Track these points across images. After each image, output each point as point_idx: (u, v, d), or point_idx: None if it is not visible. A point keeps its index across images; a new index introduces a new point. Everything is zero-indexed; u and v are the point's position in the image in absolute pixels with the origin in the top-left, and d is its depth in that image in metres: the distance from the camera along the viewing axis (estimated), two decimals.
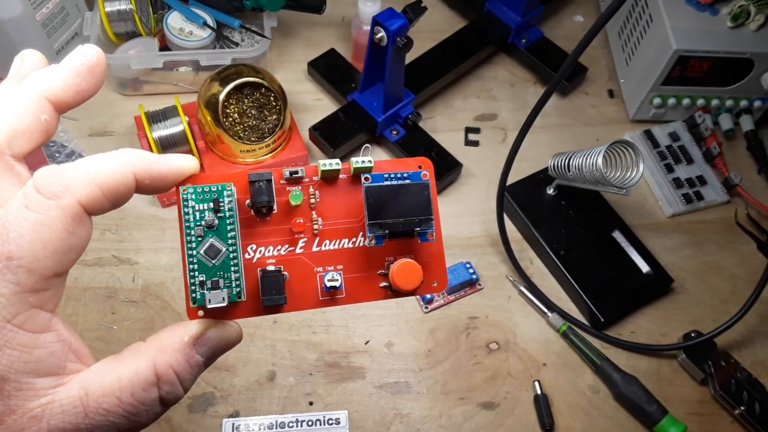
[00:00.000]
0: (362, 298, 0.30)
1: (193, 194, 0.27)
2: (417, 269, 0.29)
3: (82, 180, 0.23)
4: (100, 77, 0.27)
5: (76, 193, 0.23)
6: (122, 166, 0.24)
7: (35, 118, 0.25)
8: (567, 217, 0.69)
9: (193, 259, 0.27)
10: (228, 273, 0.28)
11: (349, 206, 0.30)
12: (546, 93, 0.54)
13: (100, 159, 0.24)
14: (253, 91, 0.67)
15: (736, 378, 0.60)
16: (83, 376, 0.25)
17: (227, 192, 0.28)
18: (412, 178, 0.30)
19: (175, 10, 0.75)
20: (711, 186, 0.74)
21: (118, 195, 0.25)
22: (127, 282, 0.64)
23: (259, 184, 0.28)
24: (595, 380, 0.62)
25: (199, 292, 0.27)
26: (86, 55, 0.26)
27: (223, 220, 0.28)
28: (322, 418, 0.57)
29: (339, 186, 0.30)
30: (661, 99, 0.77)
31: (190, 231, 0.27)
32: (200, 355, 0.27)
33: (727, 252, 0.71)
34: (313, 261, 0.30)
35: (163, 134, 0.66)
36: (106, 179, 0.24)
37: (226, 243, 0.28)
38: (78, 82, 0.26)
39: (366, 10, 0.74)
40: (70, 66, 0.26)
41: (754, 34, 0.72)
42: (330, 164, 0.29)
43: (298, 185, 0.29)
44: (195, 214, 0.27)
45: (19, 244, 0.22)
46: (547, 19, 0.88)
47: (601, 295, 0.65)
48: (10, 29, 0.67)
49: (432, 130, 0.75)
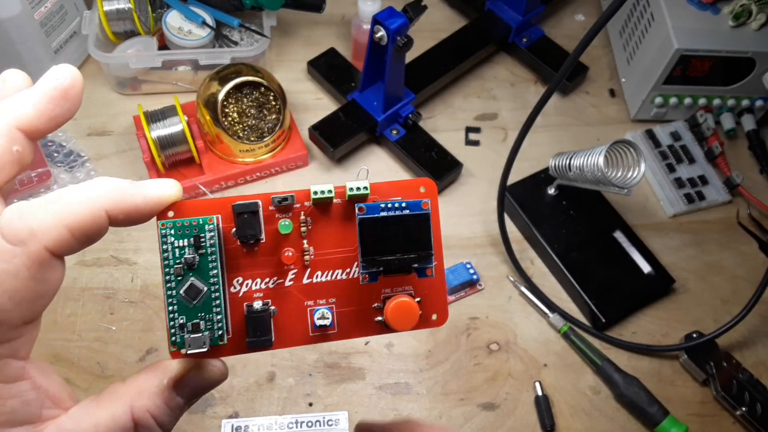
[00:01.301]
0: (355, 334, 0.28)
1: (172, 229, 0.25)
2: (413, 310, 0.27)
3: (50, 223, 0.22)
4: (76, 100, 0.24)
5: (43, 238, 0.21)
6: (93, 204, 0.22)
7: (6, 150, 0.23)
8: (568, 217, 0.69)
9: (173, 300, 0.25)
10: (209, 314, 0.26)
11: (343, 234, 0.27)
12: (547, 92, 0.54)
13: (69, 197, 0.22)
14: (252, 90, 0.67)
15: (737, 379, 0.60)
16: (60, 422, 0.24)
17: (209, 227, 0.26)
18: (412, 208, 0.27)
19: (174, 9, 0.75)
20: (712, 186, 0.74)
21: (90, 235, 0.23)
22: (125, 282, 0.64)
23: (245, 216, 0.26)
24: (596, 381, 0.62)
25: (179, 335, 0.26)
26: (59, 78, 0.24)
27: (205, 257, 0.26)
28: (322, 419, 0.57)
29: (333, 212, 0.27)
30: (663, 98, 0.76)
31: (170, 270, 0.25)
32: (181, 397, 0.26)
33: (728, 252, 0.71)
34: (304, 294, 0.28)
35: (162, 134, 0.65)
36: (75, 220, 0.22)
37: (207, 282, 0.26)
38: (51, 108, 0.24)
39: (366, 9, 0.73)
40: (42, 91, 0.24)
41: (755, 34, 0.71)
42: (322, 191, 0.27)
43: (288, 212, 0.27)
44: (174, 251, 0.25)
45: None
46: (547, 18, 0.88)
47: (602, 296, 0.65)
48: (8, 28, 0.67)
49: (432, 130, 0.75)
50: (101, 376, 0.59)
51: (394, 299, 0.27)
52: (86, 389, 0.58)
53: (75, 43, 0.76)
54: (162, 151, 0.66)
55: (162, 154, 0.66)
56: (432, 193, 0.28)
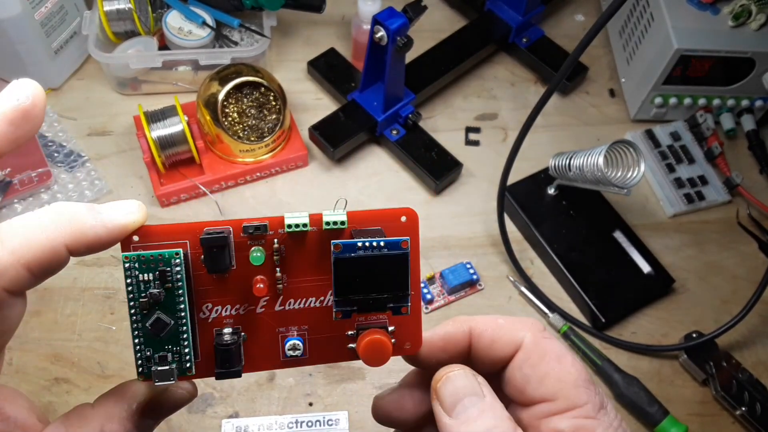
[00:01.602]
0: (328, 359, 0.28)
1: (136, 263, 0.24)
2: (386, 348, 0.26)
3: (7, 263, 0.20)
4: (38, 120, 0.23)
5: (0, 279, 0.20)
6: (51, 238, 0.21)
7: None
8: (568, 217, 0.69)
9: (139, 333, 0.25)
10: (177, 347, 0.25)
11: (318, 263, 0.27)
12: (547, 92, 0.54)
13: (26, 232, 0.21)
14: (252, 90, 0.67)
15: (737, 379, 0.60)
16: None
17: (175, 261, 0.24)
18: (390, 247, 0.26)
19: (174, 9, 0.75)
20: (712, 186, 0.74)
21: (49, 270, 0.22)
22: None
23: (213, 250, 0.25)
24: (596, 381, 0.62)
25: (146, 366, 0.25)
26: (20, 98, 0.22)
27: (171, 291, 0.25)
28: (322, 419, 0.57)
29: (308, 240, 0.26)
30: (663, 98, 0.76)
31: (135, 303, 0.24)
32: (151, 418, 0.26)
33: (728, 252, 0.71)
34: (276, 321, 0.27)
35: (162, 134, 0.66)
36: (33, 257, 0.21)
37: (174, 315, 0.25)
38: (12, 130, 0.22)
39: (366, 9, 0.73)
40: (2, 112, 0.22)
41: (755, 34, 0.71)
42: (296, 224, 0.26)
43: (261, 240, 0.26)
44: (139, 285, 0.24)
45: None
46: (547, 19, 0.88)
47: (602, 296, 0.65)
48: (8, 28, 0.67)
49: (432, 130, 0.75)
50: (101, 375, 0.59)
51: (367, 334, 0.26)
52: (86, 389, 0.58)
53: (75, 43, 0.76)
54: (162, 151, 0.66)
55: (162, 154, 0.66)
56: (413, 224, 0.28)
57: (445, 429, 0.25)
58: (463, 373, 0.26)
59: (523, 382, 0.26)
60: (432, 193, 0.72)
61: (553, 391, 0.26)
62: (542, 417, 0.26)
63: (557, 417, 0.25)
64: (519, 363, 0.27)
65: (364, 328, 0.27)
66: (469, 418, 0.24)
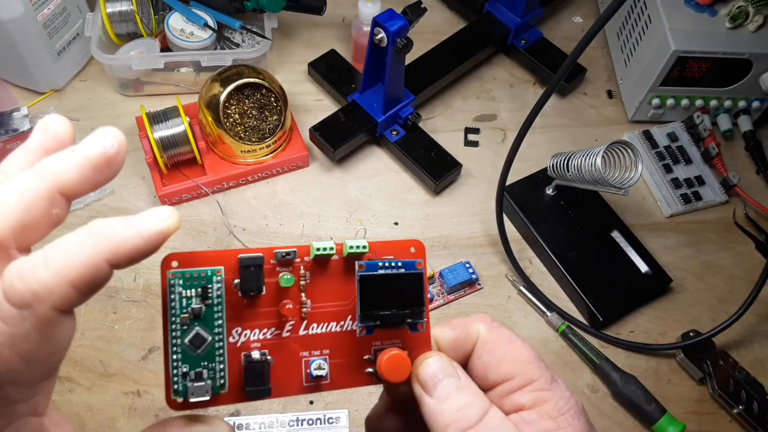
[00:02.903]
0: (347, 385, 0.29)
1: (180, 279, 0.25)
2: (406, 362, 0.28)
3: (53, 282, 0.21)
4: (119, 167, 0.24)
5: (48, 299, 0.21)
6: (93, 256, 0.21)
7: (46, 212, 0.22)
8: (566, 217, 0.70)
9: (177, 349, 0.25)
10: (212, 363, 0.26)
11: (339, 289, 0.29)
12: (545, 94, 0.54)
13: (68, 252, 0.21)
14: (253, 91, 0.67)
15: (734, 377, 0.61)
16: None
17: (217, 278, 0.26)
18: (407, 267, 0.29)
19: (176, 11, 0.75)
20: (709, 186, 0.75)
21: (94, 287, 0.22)
22: (128, 282, 0.64)
23: (251, 269, 0.26)
24: (594, 379, 0.62)
25: (181, 384, 0.26)
26: (106, 145, 0.24)
27: (211, 307, 0.26)
28: (323, 417, 0.58)
29: (330, 267, 0.28)
30: (660, 99, 0.77)
31: (176, 319, 0.25)
32: None
33: (725, 252, 0.72)
34: (300, 345, 0.28)
35: (164, 134, 0.66)
36: (78, 276, 0.21)
37: (212, 332, 0.26)
38: (94, 175, 0.23)
39: (366, 11, 0.74)
40: (88, 157, 0.23)
41: (752, 35, 0.72)
42: (324, 248, 0.28)
43: (289, 266, 0.28)
44: (181, 300, 0.25)
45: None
46: (546, 20, 0.88)
47: (600, 295, 0.65)
48: (11, 30, 0.68)
49: (432, 131, 0.76)
50: (104, 374, 0.59)
51: (386, 352, 0.28)
52: (89, 387, 0.58)
53: (78, 44, 0.76)
54: (164, 152, 0.66)
55: (164, 155, 0.67)
56: (421, 253, 0.30)
57: (427, 408, 0.27)
58: (439, 358, 0.28)
59: (484, 369, 0.29)
60: (431, 194, 0.73)
61: (510, 370, 0.28)
62: (504, 395, 0.28)
63: (517, 393, 0.28)
64: (479, 352, 0.29)
65: (380, 350, 0.29)
66: (448, 396, 0.27)
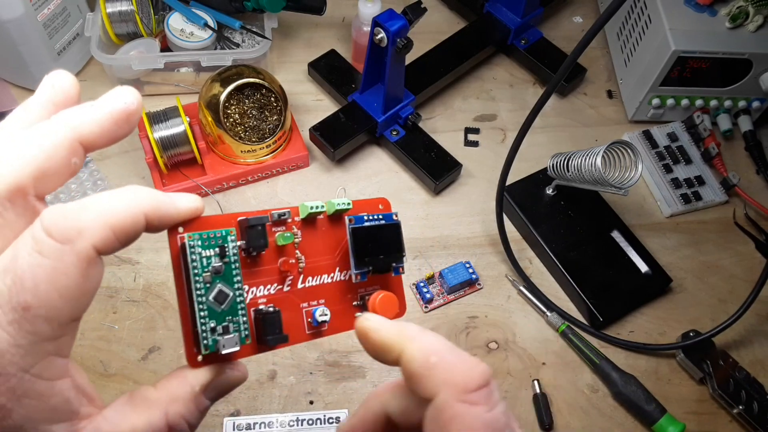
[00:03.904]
0: (342, 329, 0.32)
1: (199, 241, 0.27)
2: (395, 300, 0.32)
3: (95, 222, 0.22)
4: (135, 124, 0.26)
5: (90, 236, 0.22)
6: (134, 207, 0.24)
7: (66, 161, 0.24)
8: (566, 217, 0.70)
9: (203, 306, 0.27)
10: (236, 317, 0.28)
11: (327, 244, 0.32)
12: (545, 94, 0.54)
13: (111, 199, 0.23)
14: (253, 91, 0.67)
15: (734, 377, 0.61)
16: (96, 423, 0.25)
17: (231, 237, 0.28)
18: (386, 219, 0.33)
19: (176, 11, 0.75)
20: (709, 186, 0.75)
21: (130, 236, 0.24)
22: (128, 282, 0.64)
23: (258, 228, 0.28)
24: (594, 379, 0.62)
25: (210, 339, 0.27)
26: (127, 102, 0.25)
27: (229, 265, 0.28)
28: (323, 417, 0.58)
29: (318, 225, 0.31)
30: (660, 99, 0.77)
31: (198, 278, 0.27)
32: (209, 399, 0.28)
33: (725, 252, 0.72)
34: (299, 297, 0.31)
35: (165, 134, 0.66)
36: (118, 221, 0.23)
37: (232, 287, 0.28)
38: (114, 129, 0.25)
39: (366, 11, 0.74)
40: (109, 111, 0.25)
41: (752, 35, 0.72)
42: (316, 206, 0.30)
43: (283, 226, 0.30)
44: (202, 260, 0.27)
45: (35, 293, 0.22)
46: (546, 20, 0.88)
47: (600, 295, 0.65)
48: (11, 30, 0.68)
49: (432, 131, 0.76)
50: (104, 374, 0.59)
51: (377, 294, 0.32)
52: None
53: (78, 44, 0.77)
54: (164, 152, 0.66)
55: (164, 155, 0.67)
56: (388, 208, 0.34)
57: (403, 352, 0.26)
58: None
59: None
60: (431, 194, 0.73)
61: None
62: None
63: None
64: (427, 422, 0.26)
65: (367, 295, 0.32)
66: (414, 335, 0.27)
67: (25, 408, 0.22)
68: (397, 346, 0.27)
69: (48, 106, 0.26)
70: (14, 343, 0.22)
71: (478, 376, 0.25)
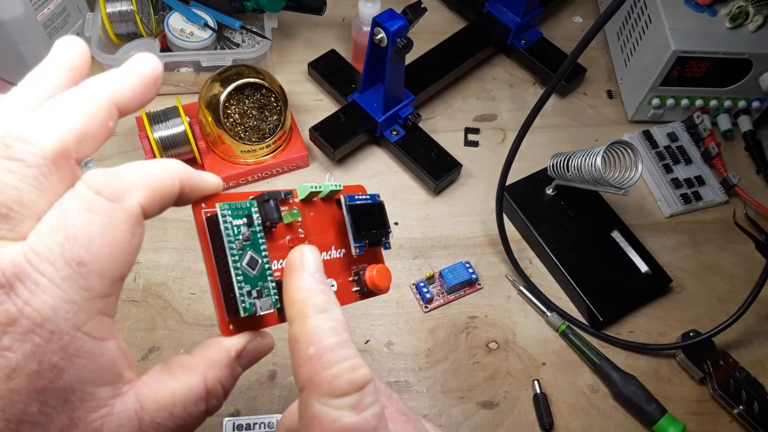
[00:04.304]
0: (344, 302, 0.34)
1: (229, 210, 0.29)
2: (389, 272, 0.35)
3: (141, 183, 0.24)
4: (159, 87, 0.27)
5: (137, 195, 0.24)
6: (172, 173, 0.25)
7: (104, 123, 0.25)
8: (566, 217, 0.70)
9: (239, 272, 0.28)
10: (266, 282, 0.29)
11: (323, 223, 0.34)
12: (545, 94, 0.54)
13: (153, 164, 0.25)
14: (253, 91, 0.67)
15: (734, 377, 0.61)
16: (138, 388, 0.25)
17: (254, 209, 0.30)
18: (372, 199, 0.36)
19: (176, 11, 0.75)
20: (709, 186, 0.75)
21: (168, 200, 0.25)
22: (128, 281, 0.64)
23: (272, 202, 0.30)
24: (594, 379, 0.62)
25: (248, 302, 0.28)
26: (153, 66, 0.27)
27: (255, 234, 0.29)
28: None
29: (315, 206, 0.34)
30: (660, 100, 0.77)
31: (232, 245, 0.28)
32: (241, 366, 0.29)
33: (725, 252, 0.72)
34: None
35: (165, 135, 0.66)
36: (160, 184, 0.24)
37: (260, 255, 0.29)
38: (144, 92, 0.27)
39: (366, 11, 0.74)
40: (139, 75, 0.27)
41: (752, 35, 0.72)
42: (315, 186, 0.33)
43: (285, 206, 0.32)
44: (233, 229, 0.29)
45: (89, 248, 0.22)
46: (546, 20, 0.88)
47: (599, 295, 0.65)
48: (11, 30, 0.68)
49: (432, 131, 0.76)
50: None
51: (371, 268, 0.34)
52: None
53: None
54: (164, 152, 0.66)
55: (164, 155, 0.67)
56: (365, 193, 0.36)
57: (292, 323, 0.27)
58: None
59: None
60: (431, 194, 0.73)
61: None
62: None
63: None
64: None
65: (360, 270, 0.35)
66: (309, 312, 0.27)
67: (76, 367, 0.23)
68: (292, 312, 0.27)
69: (66, 70, 0.26)
70: (68, 299, 0.22)
71: (346, 384, 0.25)
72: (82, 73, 0.27)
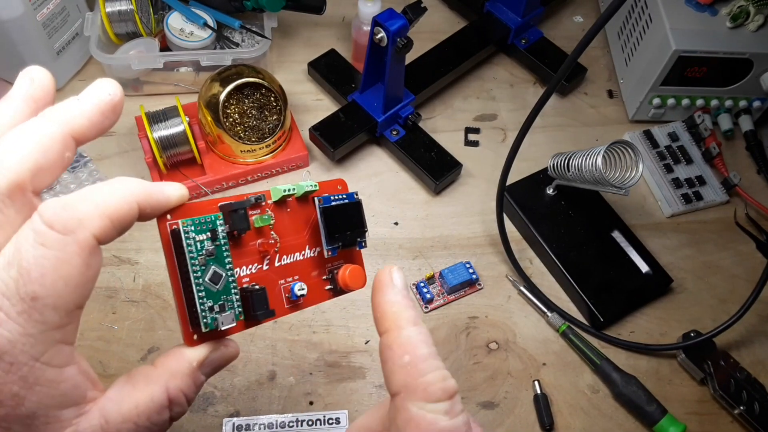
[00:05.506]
0: (316, 301, 0.34)
1: (192, 226, 0.29)
2: (362, 272, 0.35)
3: (94, 213, 0.24)
4: (119, 113, 0.28)
5: (90, 226, 0.23)
6: (129, 197, 0.25)
7: (59, 155, 0.25)
8: (566, 217, 0.70)
9: (200, 287, 0.29)
10: (229, 296, 0.30)
11: (296, 224, 0.34)
12: (545, 93, 0.54)
13: (106, 190, 0.25)
14: (253, 91, 0.67)
15: (735, 378, 0.60)
16: (101, 403, 0.26)
17: (219, 222, 0.30)
18: (349, 198, 0.35)
19: (176, 11, 0.75)
20: (710, 186, 0.74)
21: (126, 224, 0.25)
22: (127, 282, 0.64)
23: (240, 212, 0.30)
24: (595, 380, 0.62)
25: (209, 317, 0.29)
26: (111, 93, 0.27)
27: (220, 248, 0.30)
28: (322, 418, 0.58)
29: (288, 207, 0.34)
30: (661, 99, 0.77)
31: (195, 261, 0.29)
32: (204, 375, 0.29)
33: (726, 252, 0.71)
34: (277, 275, 0.33)
35: (164, 134, 0.66)
36: (114, 210, 0.24)
37: (224, 268, 0.30)
38: (102, 120, 0.27)
39: (366, 11, 0.74)
40: (95, 103, 0.26)
41: (753, 35, 0.72)
42: (288, 189, 0.33)
43: (258, 209, 0.32)
44: (196, 244, 0.29)
45: (42, 283, 0.22)
46: (546, 20, 0.88)
47: (600, 295, 0.65)
48: (11, 29, 0.68)
49: (432, 131, 0.75)
50: (103, 374, 0.59)
51: (345, 268, 0.34)
52: None
53: (77, 44, 0.76)
54: (164, 152, 0.66)
55: (164, 155, 0.66)
56: (345, 188, 0.36)
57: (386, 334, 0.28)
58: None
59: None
60: (431, 194, 0.73)
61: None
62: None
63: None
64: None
65: (335, 269, 0.35)
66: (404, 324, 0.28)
67: (37, 395, 0.23)
68: (386, 323, 0.28)
69: (28, 102, 0.26)
70: (24, 333, 0.23)
71: (440, 391, 0.26)
72: (45, 103, 0.27)
